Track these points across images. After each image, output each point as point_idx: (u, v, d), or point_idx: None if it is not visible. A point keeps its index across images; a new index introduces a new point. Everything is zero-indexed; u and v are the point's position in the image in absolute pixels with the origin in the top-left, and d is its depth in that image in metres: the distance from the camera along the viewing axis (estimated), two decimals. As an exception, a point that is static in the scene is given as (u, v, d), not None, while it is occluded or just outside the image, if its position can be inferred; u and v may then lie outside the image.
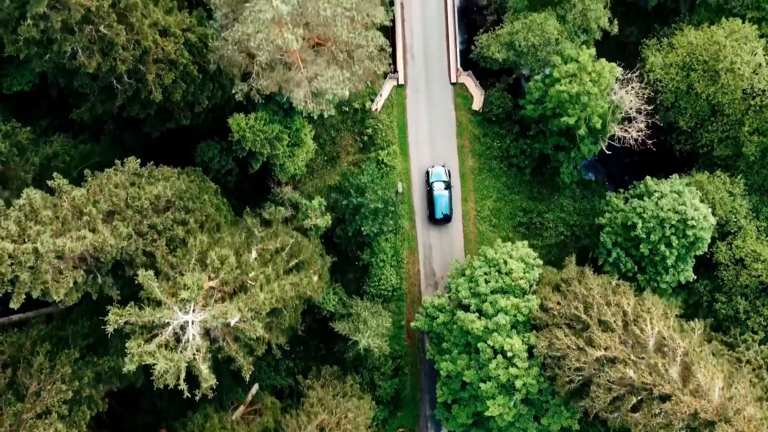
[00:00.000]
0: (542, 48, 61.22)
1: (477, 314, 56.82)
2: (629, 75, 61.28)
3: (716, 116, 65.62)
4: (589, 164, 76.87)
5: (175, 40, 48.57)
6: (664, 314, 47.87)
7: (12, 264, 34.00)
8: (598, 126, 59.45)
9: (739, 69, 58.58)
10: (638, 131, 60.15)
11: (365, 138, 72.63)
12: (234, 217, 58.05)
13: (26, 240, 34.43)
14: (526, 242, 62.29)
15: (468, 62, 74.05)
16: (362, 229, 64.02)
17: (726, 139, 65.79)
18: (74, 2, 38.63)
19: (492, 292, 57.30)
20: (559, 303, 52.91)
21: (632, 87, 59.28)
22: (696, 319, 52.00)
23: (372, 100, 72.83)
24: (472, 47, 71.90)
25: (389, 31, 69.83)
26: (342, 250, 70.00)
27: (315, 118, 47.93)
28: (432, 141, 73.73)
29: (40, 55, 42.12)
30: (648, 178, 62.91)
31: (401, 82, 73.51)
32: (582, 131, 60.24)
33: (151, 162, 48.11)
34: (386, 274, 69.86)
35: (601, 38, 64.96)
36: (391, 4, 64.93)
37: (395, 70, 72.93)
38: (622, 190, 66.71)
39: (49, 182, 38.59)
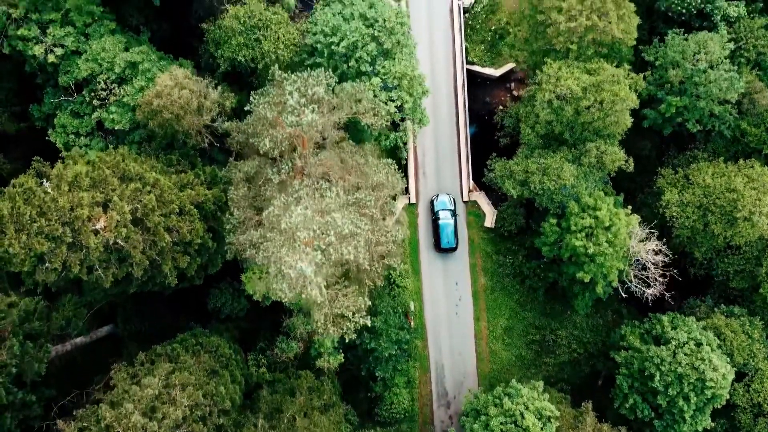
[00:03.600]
0: (558, 192, 60.45)
1: (493, 473, 56.42)
2: (647, 232, 60.42)
3: (732, 250, 65.06)
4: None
5: (190, 218, 47.83)
6: None
7: None
8: (615, 284, 58.91)
9: (757, 221, 57.86)
10: (655, 282, 59.40)
11: (376, 257, 71.87)
12: (246, 371, 57.46)
13: None
14: (541, 383, 61.53)
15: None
16: (376, 373, 63.46)
17: (742, 272, 65.14)
18: (94, 243, 37.95)
19: (508, 448, 56.88)
20: (577, 473, 52.42)
21: (650, 248, 58.44)
22: None
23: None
24: (485, 170, 71.14)
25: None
26: (354, 375, 69.48)
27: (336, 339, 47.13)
28: (444, 260, 72.99)
29: (56, 276, 41.31)
30: (664, 318, 62.17)
31: (413, 200, 72.62)
32: (600, 288, 59.82)
33: (165, 377, 46.26)
34: (399, 398, 69.36)
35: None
36: (405, 144, 64.12)
37: (407, 189, 71.97)
38: (637, 323, 65.99)
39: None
